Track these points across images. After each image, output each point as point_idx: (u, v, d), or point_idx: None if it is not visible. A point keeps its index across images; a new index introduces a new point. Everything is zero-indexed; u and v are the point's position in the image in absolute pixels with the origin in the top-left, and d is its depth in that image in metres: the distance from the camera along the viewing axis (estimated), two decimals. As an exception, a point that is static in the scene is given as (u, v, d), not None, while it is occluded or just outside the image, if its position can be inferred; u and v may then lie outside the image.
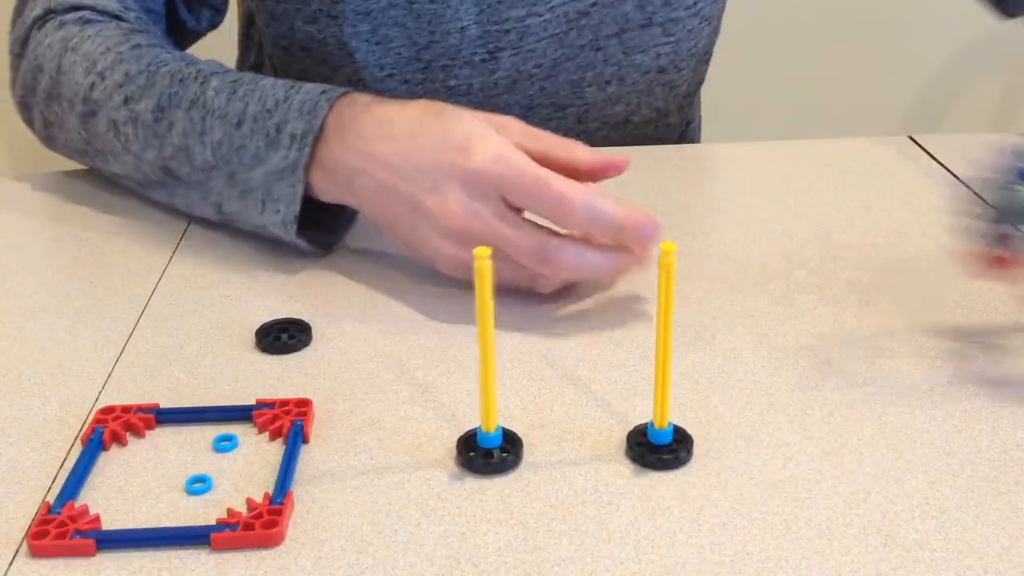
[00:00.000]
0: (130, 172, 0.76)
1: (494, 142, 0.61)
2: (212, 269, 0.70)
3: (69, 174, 0.84)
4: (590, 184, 0.63)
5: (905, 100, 1.96)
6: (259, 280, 0.69)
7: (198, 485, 0.51)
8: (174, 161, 0.72)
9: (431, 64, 0.87)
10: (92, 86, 0.75)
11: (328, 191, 0.67)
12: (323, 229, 0.71)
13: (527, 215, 0.62)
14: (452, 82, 0.88)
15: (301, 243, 0.69)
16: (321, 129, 0.66)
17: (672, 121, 0.98)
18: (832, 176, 0.83)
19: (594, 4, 0.87)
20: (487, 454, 0.52)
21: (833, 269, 0.69)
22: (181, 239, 0.74)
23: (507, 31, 0.86)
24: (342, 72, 0.88)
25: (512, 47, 0.87)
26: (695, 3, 0.91)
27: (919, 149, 0.87)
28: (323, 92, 0.67)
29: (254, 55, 0.99)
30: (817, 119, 1.91)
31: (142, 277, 0.70)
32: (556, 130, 0.93)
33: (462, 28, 0.85)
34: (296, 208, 0.67)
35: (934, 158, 0.86)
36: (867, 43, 1.90)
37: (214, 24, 0.91)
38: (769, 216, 0.77)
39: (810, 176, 0.83)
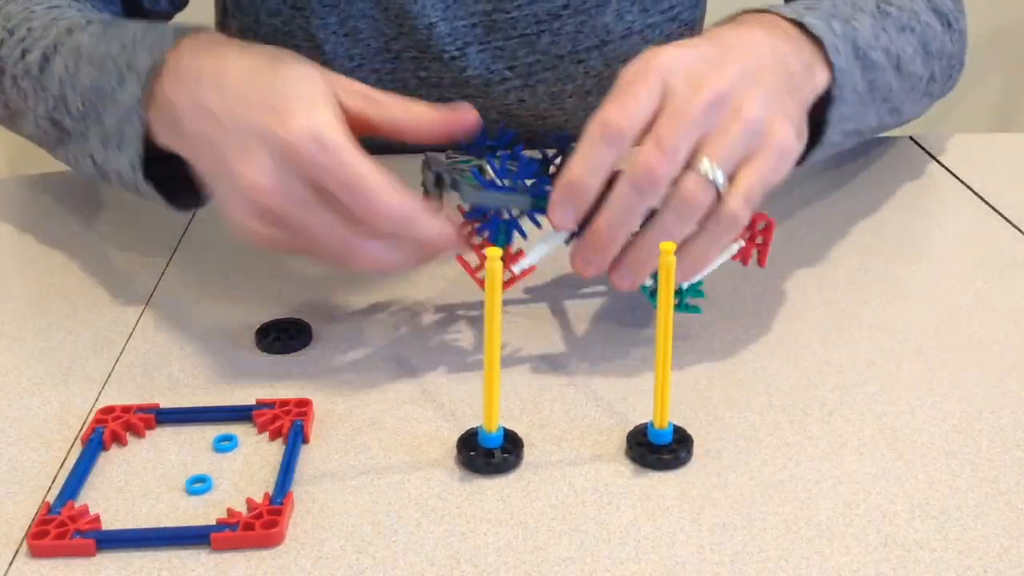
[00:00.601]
0: (34, 132, 0.73)
1: (319, 116, 0.54)
2: (212, 269, 0.70)
3: (69, 174, 0.84)
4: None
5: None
6: (259, 280, 0.69)
7: (198, 485, 0.51)
8: (57, 112, 0.68)
9: (401, 55, 0.87)
10: (1, 44, 0.72)
11: (162, 133, 0.60)
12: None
13: None
14: (423, 73, 0.88)
15: (149, 191, 0.63)
16: (162, 65, 0.60)
17: None
18: (832, 176, 0.83)
19: (565, 7, 0.87)
20: (488, 454, 0.52)
21: (833, 269, 0.69)
22: (181, 239, 0.74)
23: (473, 25, 0.86)
24: None
25: (479, 41, 0.87)
26: (671, 7, 0.91)
27: (920, 149, 0.87)
28: (176, 29, 0.63)
29: None
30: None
31: (142, 277, 0.70)
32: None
33: (430, 24, 0.86)
34: (137, 148, 0.61)
35: (935, 158, 0.86)
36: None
37: (176, 5, 0.88)
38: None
39: (809, 177, 0.83)
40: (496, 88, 0.89)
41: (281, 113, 0.54)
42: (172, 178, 0.62)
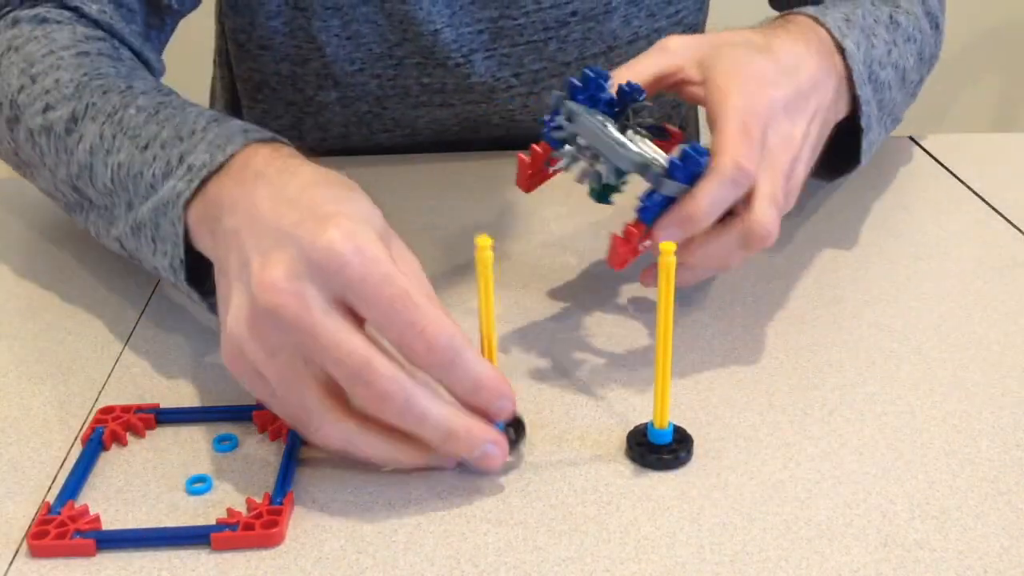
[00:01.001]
0: (50, 190, 0.68)
1: (364, 234, 0.49)
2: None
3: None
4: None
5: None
6: (259, 280, 0.69)
7: (198, 485, 0.51)
8: (80, 181, 0.63)
9: (404, 61, 0.87)
10: (21, 89, 0.67)
11: (200, 234, 0.56)
12: None
13: None
14: (426, 80, 0.88)
15: (195, 296, 0.58)
16: (224, 165, 0.55)
17: None
18: (832, 176, 0.83)
19: (574, 14, 0.87)
20: (487, 454, 0.52)
21: (834, 269, 0.70)
22: (181, 239, 0.74)
23: (479, 32, 0.86)
24: (310, 66, 0.87)
25: (485, 48, 0.86)
26: (676, 12, 0.91)
27: (920, 149, 0.87)
28: (245, 131, 0.58)
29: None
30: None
31: (142, 277, 0.70)
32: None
33: (435, 30, 0.85)
34: (179, 250, 0.56)
35: (934, 158, 0.86)
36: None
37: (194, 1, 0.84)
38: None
39: (809, 177, 0.83)
40: (501, 95, 0.89)
41: (321, 220, 0.49)
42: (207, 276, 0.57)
